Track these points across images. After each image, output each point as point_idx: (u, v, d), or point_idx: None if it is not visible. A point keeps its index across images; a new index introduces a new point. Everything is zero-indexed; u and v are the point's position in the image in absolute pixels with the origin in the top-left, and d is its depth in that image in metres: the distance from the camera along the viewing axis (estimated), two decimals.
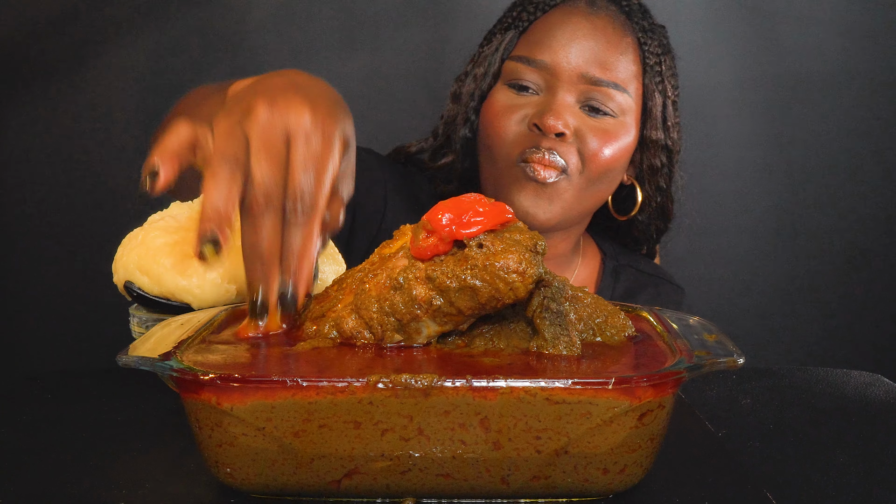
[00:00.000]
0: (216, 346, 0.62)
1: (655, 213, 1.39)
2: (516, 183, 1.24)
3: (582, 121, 1.25)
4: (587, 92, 1.25)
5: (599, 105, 1.25)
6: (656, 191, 1.36)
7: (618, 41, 1.28)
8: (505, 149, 1.25)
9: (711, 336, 0.62)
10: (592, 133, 1.24)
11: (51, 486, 0.60)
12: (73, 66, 1.80)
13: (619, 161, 1.27)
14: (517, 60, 1.28)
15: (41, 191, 1.82)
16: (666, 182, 1.36)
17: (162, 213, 0.86)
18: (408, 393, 0.53)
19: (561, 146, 1.23)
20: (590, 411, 0.53)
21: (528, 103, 1.26)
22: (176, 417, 0.72)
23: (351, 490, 0.56)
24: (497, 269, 0.59)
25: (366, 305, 0.62)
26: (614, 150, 1.26)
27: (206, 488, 0.59)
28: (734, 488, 0.60)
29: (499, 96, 1.29)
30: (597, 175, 1.26)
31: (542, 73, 1.26)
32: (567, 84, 1.25)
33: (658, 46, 1.32)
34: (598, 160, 1.24)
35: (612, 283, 1.38)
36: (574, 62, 1.25)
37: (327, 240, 0.68)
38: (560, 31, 1.27)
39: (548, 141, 1.22)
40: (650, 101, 1.30)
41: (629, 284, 1.39)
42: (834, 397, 0.82)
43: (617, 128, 1.26)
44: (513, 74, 1.28)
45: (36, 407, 0.76)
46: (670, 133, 1.33)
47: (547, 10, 1.30)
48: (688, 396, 0.80)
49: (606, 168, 1.26)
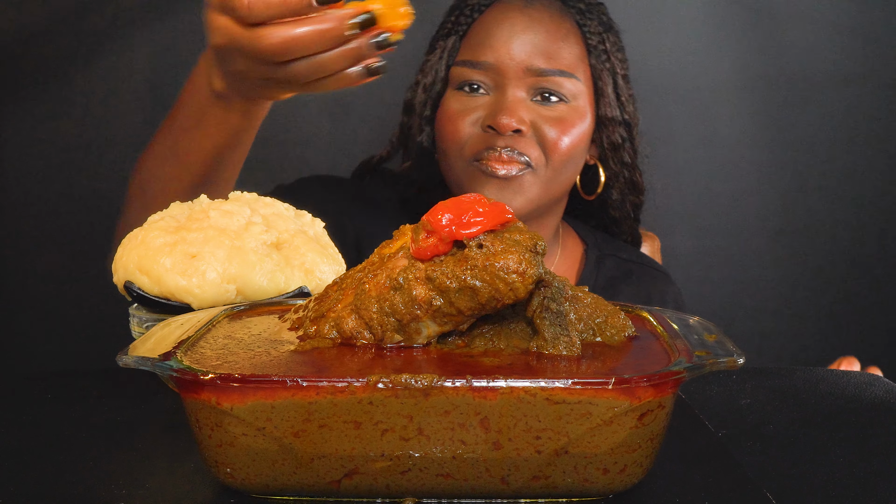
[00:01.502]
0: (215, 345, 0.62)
1: (626, 188, 1.40)
2: (478, 181, 1.26)
3: (536, 113, 1.26)
4: (535, 84, 1.26)
5: (551, 94, 1.26)
6: (622, 166, 1.37)
7: (556, 28, 1.29)
8: (462, 152, 1.28)
9: (711, 336, 0.62)
10: (549, 123, 1.26)
11: (51, 486, 0.60)
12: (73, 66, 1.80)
13: (579, 146, 1.29)
14: (462, 65, 1.30)
15: (41, 190, 1.82)
16: (630, 156, 1.37)
17: (162, 213, 0.86)
18: (408, 393, 0.53)
19: (519, 142, 1.25)
20: (590, 411, 0.53)
21: (479, 105, 1.28)
22: (176, 417, 0.72)
23: (351, 490, 0.56)
24: (497, 270, 0.59)
25: (366, 306, 0.62)
26: (573, 137, 1.27)
27: (206, 488, 0.59)
28: (734, 488, 0.60)
29: (450, 102, 1.30)
30: (560, 164, 1.27)
31: (489, 73, 1.27)
32: (514, 80, 1.26)
33: (598, 25, 1.33)
34: (559, 149, 1.26)
35: (594, 272, 1.39)
36: (517, 57, 1.26)
37: None
38: (498, 29, 1.29)
39: (504, 139, 1.24)
40: (600, 81, 1.31)
41: (612, 273, 1.40)
42: (834, 397, 0.82)
43: (571, 114, 1.28)
44: (460, 78, 1.30)
45: (36, 407, 0.76)
46: (625, 107, 1.35)
47: (483, 11, 1.32)
48: (688, 396, 0.80)
49: (568, 155, 1.28)
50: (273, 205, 0.88)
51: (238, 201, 0.86)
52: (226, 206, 0.84)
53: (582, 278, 1.38)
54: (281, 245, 0.84)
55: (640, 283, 1.40)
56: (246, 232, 0.82)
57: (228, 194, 0.89)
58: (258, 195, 0.89)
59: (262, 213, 0.86)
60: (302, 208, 0.91)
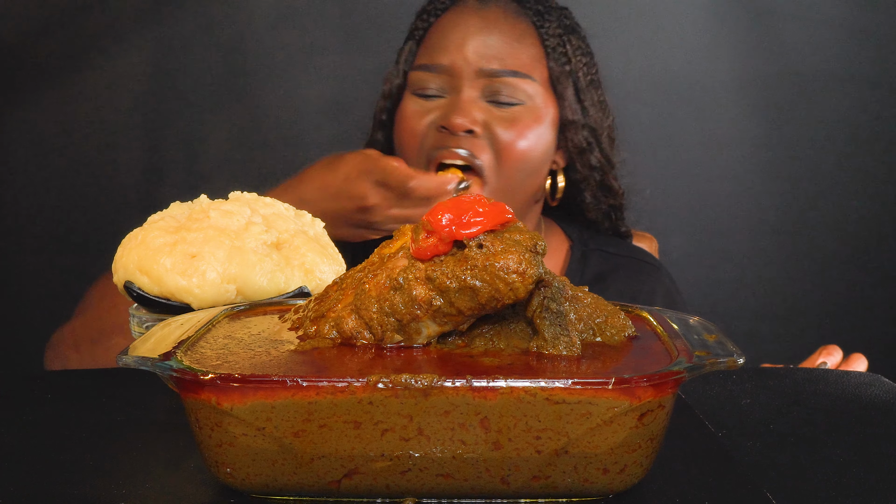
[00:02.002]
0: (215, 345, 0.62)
1: (599, 191, 1.39)
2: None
3: (489, 114, 1.26)
4: (490, 85, 1.26)
5: (505, 97, 1.26)
6: (590, 170, 1.36)
7: (510, 29, 1.29)
8: (419, 152, 1.28)
9: (711, 336, 0.62)
10: (503, 125, 1.26)
11: (51, 486, 0.60)
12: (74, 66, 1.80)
13: (537, 149, 1.28)
14: (419, 69, 1.31)
15: (42, 191, 1.82)
16: (599, 160, 1.35)
17: (162, 213, 0.86)
18: (408, 393, 0.53)
19: (471, 143, 1.24)
20: (590, 411, 0.53)
21: (435, 107, 1.28)
22: (176, 417, 0.72)
23: (351, 490, 0.56)
24: (497, 270, 0.59)
25: (366, 306, 0.62)
26: (529, 140, 1.27)
27: (206, 488, 0.59)
28: (734, 488, 0.60)
29: (407, 105, 1.31)
30: (513, 166, 1.26)
31: (444, 76, 1.28)
32: (468, 81, 1.26)
33: (558, 27, 1.32)
34: (513, 150, 1.26)
35: (580, 268, 1.38)
36: (471, 59, 1.26)
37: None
38: (453, 32, 1.29)
39: (457, 140, 1.24)
40: (559, 84, 1.30)
41: (598, 269, 1.39)
42: (834, 397, 0.82)
43: (527, 115, 1.27)
44: (417, 83, 1.30)
45: (36, 407, 0.76)
46: (589, 112, 1.33)
47: (439, 15, 1.32)
48: (688, 396, 0.80)
49: (523, 158, 1.27)
50: (273, 205, 0.88)
51: (238, 201, 0.86)
52: (226, 206, 0.84)
53: (566, 275, 1.37)
54: (281, 245, 0.84)
55: (628, 277, 1.38)
56: (246, 232, 0.82)
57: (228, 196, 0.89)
58: (258, 195, 0.89)
59: (262, 213, 0.86)
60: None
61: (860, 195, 1.95)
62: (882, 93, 1.91)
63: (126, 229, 0.87)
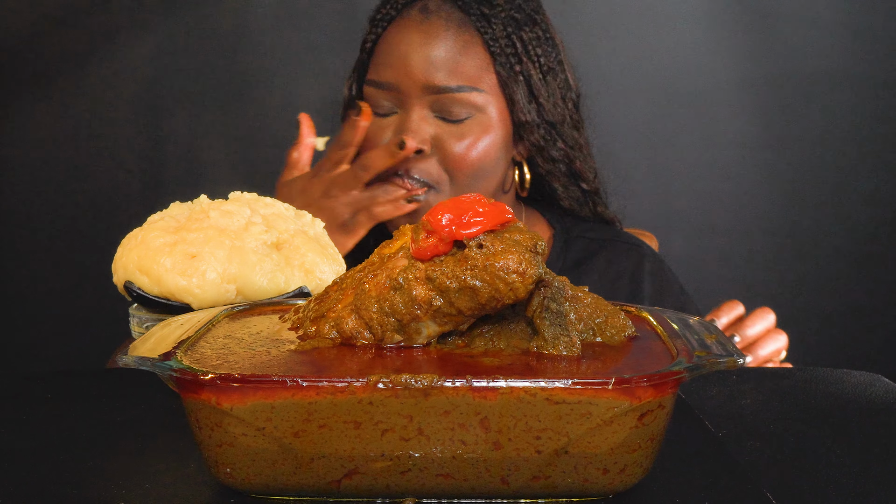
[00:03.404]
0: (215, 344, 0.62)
1: (567, 179, 1.37)
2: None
3: (440, 128, 1.26)
4: (437, 102, 1.25)
5: (454, 112, 1.25)
6: (553, 163, 1.35)
7: (453, 41, 1.27)
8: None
9: (711, 336, 0.62)
10: (454, 139, 1.25)
11: (51, 486, 0.60)
12: (74, 67, 1.80)
13: (489, 157, 1.28)
14: (369, 84, 1.30)
15: (41, 191, 1.83)
16: (562, 150, 1.34)
17: (162, 213, 0.86)
18: (408, 393, 0.53)
19: (420, 164, 1.25)
20: (590, 411, 0.53)
21: (388, 124, 1.28)
22: (176, 417, 0.72)
23: (351, 490, 0.56)
24: (497, 270, 0.59)
25: (366, 306, 0.62)
26: (479, 151, 1.26)
27: (206, 488, 0.59)
28: (734, 488, 0.60)
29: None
30: (468, 177, 1.27)
31: (392, 93, 1.27)
32: (415, 99, 1.26)
33: (505, 29, 1.29)
34: (466, 163, 1.26)
35: (561, 255, 1.37)
36: (416, 76, 1.25)
37: None
38: (396, 47, 1.28)
39: (408, 163, 1.25)
40: (507, 89, 1.28)
41: (579, 255, 1.37)
42: (834, 397, 0.82)
43: (477, 127, 1.26)
44: (370, 100, 1.30)
45: (36, 407, 0.76)
46: (544, 108, 1.31)
47: (385, 27, 1.31)
48: (688, 396, 0.80)
49: (476, 168, 1.27)
50: (273, 205, 0.88)
51: (238, 201, 0.86)
52: (226, 206, 0.84)
53: (548, 263, 1.36)
54: (281, 245, 0.84)
55: (609, 259, 1.36)
56: (246, 232, 0.82)
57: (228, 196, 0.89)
58: (258, 195, 0.89)
59: (262, 213, 0.86)
60: None
61: (861, 195, 1.95)
62: (883, 93, 1.91)
63: (126, 229, 0.87)
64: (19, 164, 1.81)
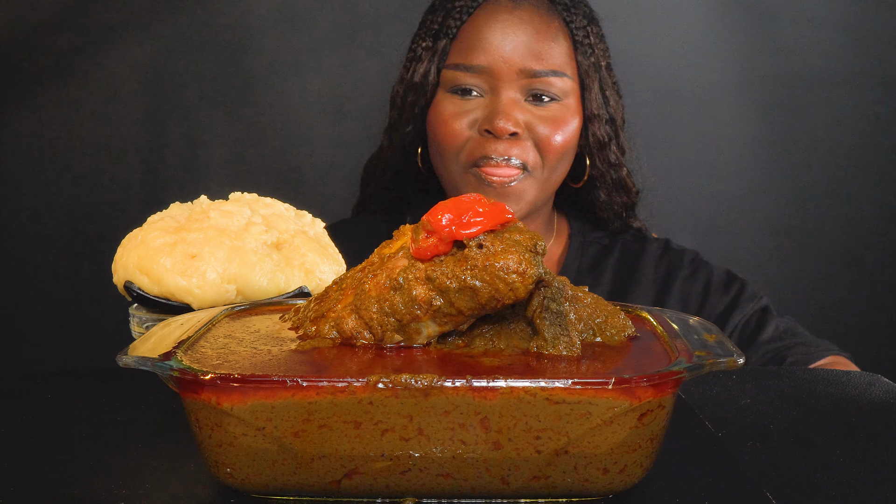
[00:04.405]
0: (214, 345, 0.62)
1: (613, 188, 1.40)
2: (474, 188, 1.28)
3: (530, 113, 1.28)
4: (529, 85, 1.28)
5: (543, 94, 1.28)
6: (608, 166, 1.38)
7: (546, 28, 1.30)
8: (458, 157, 1.29)
9: (711, 336, 0.62)
10: (543, 123, 1.28)
11: (51, 486, 0.60)
12: (74, 67, 1.80)
13: (571, 142, 1.31)
14: (455, 69, 1.31)
15: (41, 191, 1.83)
16: (616, 156, 1.38)
17: (162, 213, 0.86)
18: (408, 393, 0.53)
19: (516, 146, 1.27)
20: (590, 411, 0.53)
21: (475, 107, 1.29)
22: (176, 417, 0.72)
23: (351, 490, 0.56)
24: (497, 270, 0.59)
25: (366, 306, 0.62)
26: (566, 135, 1.29)
27: (206, 488, 0.59)
28: (734, 488, 0.60)
29: (444, 104, 1.31)
30: (555, 162, 1.30)
31: (482, 76, 1.29)
32: (508, 82, 1.28)
33: (583, 19, 1.34)
34: (553, 147, 1.28)
35: (577, 257, 1.40)
36: (510, 60, 1.28)
37: None
38: (489, 31, 1.29)
39: (502, 144, 1.26)
40: (587, 78, 1.33)
41: (594, 258, 1.41)
42: (834, 397, 0.82)
43: (563, 112, 1.29)
44: (453, 82, 1.31)
45: (36, 407, 0.76)
46: (609, 102, 1.36)
47: (471, 13, 1.33)
48: (688, 396, 0.80)
49: (562, 153, 1.30)
50: (273, 205, 0.88)
51: (238, 201, 0.86)
52: (226, 207, 0.84)
53: (565, 264, 1.39)
54: (281, 245, 0.84)
55: (621, 260, 1.40)
56: (246, 232, 0.82)
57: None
58: (258, 195, 0.89)
59: (263, 213, 0.86)
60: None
61: (861, 195, 1.95)
62: (882, 93, 1.91)
63: (126, 229, 0.87)
64: (19, 164, 1.81)
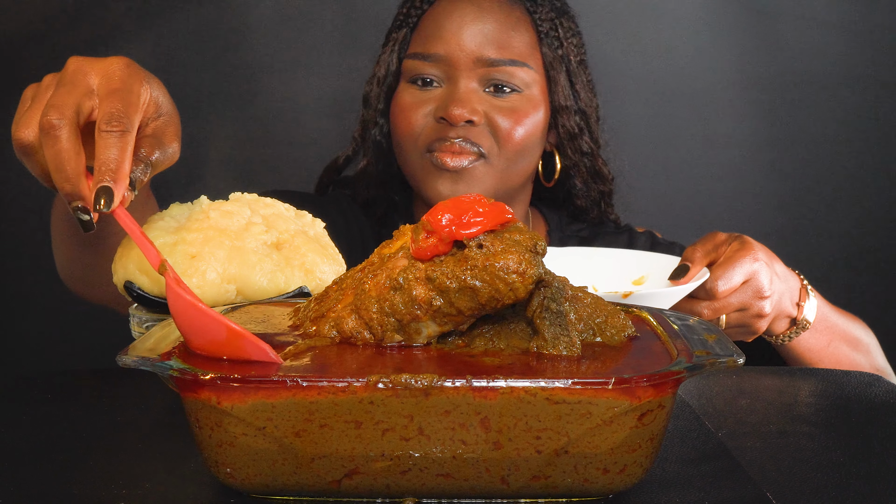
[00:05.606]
0: None
1: (589, 177, 1.40)
2: (431, 174, 1.27)
3: (489, 103, 1.27)
4: (487, 75, 1.27)
5: (503, 84, 1.27)
6: (581, 155, 1.37)
7: (506, 17, 1.29)
8: (414, 144, 1.29)
9: (711, 336, 0.62)
10: (502, 114, 1.27)
11: (51, 486, 0.60)
12: None
13: (534, 136, 1.30)
14: (413, 57, 1.31)
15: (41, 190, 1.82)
16: (589, 145, 1.37)
17: (162, 213, 0.86)
18: (408, 393, 0.53)
19: (471, 132, 1.26)
20: (590, 411, 0.53)
21: (432, 97, 1.29)
22: (176, 417, 0.72)
23: (351, 490, 0.56)
24: (497, 270, 0.59)
25: (366, 306, 0.62)
26: (527, 127, 1.28)
27: (206, 488, 0.59)
28: (734, 488, 0.60)
29: (403, 95, 1.31)
30: (514, 154, 1.28)
31: (440, 65, 1.28)
32: (466, 71, 1.27)
33: (550, 11, 1.33)
34: (513, 139, 1.27)
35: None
36: (468, 48, 1.27)
37: (151, 163, 0.73)
38: (448, 20, 1.29)
39: (456, 130, 1.25)
40: (552, 70, 1.31)
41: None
42: (834, 397, 0.82)
43: (524, 103, 1.28)
44: (413, 71, 1.30)
45: (35, 407, 0.76)
46: (580, 95, 1.35)
47: (433, 2, 1.32)
48: (688, 396, 0.80)
49: (522, 146, 1.28)
50: (273, 205, 0.88)
51: (238, 202, 0.86)
52: (226, 207, 0.84)
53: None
54: (281, 245, 0.84)
55: (607, 244, 1.40)
56: (246, 232, 0.82)
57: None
58: (258, 195, 0.89)
59: (263, 213, 0.86)
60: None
61: (861, 195, 1.95)
62: (882, 93, 1.91)
63: None
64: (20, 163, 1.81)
